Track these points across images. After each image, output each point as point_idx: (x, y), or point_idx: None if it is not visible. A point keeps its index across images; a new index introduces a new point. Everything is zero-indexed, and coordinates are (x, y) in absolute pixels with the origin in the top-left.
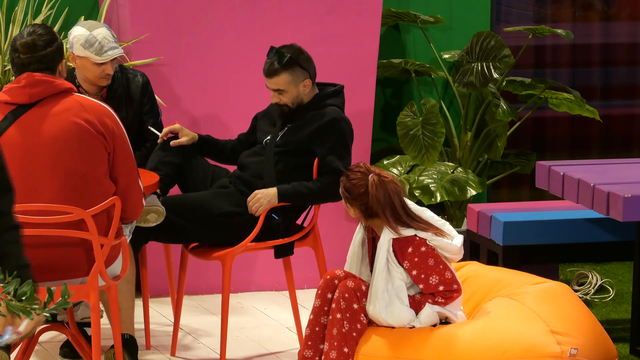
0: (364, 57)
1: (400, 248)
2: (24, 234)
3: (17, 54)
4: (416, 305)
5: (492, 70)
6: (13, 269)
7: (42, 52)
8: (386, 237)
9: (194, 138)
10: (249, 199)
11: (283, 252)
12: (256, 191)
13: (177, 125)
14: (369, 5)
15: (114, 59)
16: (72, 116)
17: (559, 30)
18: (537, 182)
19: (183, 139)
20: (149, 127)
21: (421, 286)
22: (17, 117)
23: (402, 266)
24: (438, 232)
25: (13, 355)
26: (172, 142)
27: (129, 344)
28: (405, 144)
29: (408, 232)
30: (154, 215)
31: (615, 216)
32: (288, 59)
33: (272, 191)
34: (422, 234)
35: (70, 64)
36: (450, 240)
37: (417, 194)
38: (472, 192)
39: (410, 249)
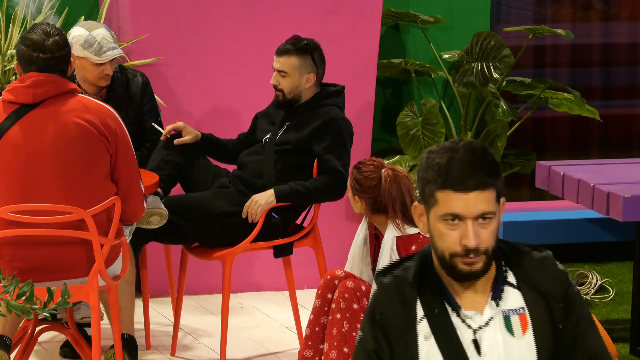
0: (364, 57)
1: (404, 246)
2: (24, 234)
3: (36, 53)
4: None
5: (492, 70)
6: None
7: (62, 52)
8: (390, 235)
9: (197, 136)
10: (245, 206)
11: (282, 251)
12: (253, 196)
13: (180, 124)
14: (369, 5)
15: (113, 59)
16: (75, 117)
17: (559, 30)
18: (537, 182)
19: (187, 138)
20: (153, 123)
21: None
22: (20, 116)
23: None
24: None
25: (13, 355)
26: (175, 141)
27: (129, 344)
28: (405, 144)
29: (412, 230)
30: (157, 218)
31: (615, 216)
32: (304, 45)
33: (269, 192)
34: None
35: None
36: None
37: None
38: None
39: (413, 247)
